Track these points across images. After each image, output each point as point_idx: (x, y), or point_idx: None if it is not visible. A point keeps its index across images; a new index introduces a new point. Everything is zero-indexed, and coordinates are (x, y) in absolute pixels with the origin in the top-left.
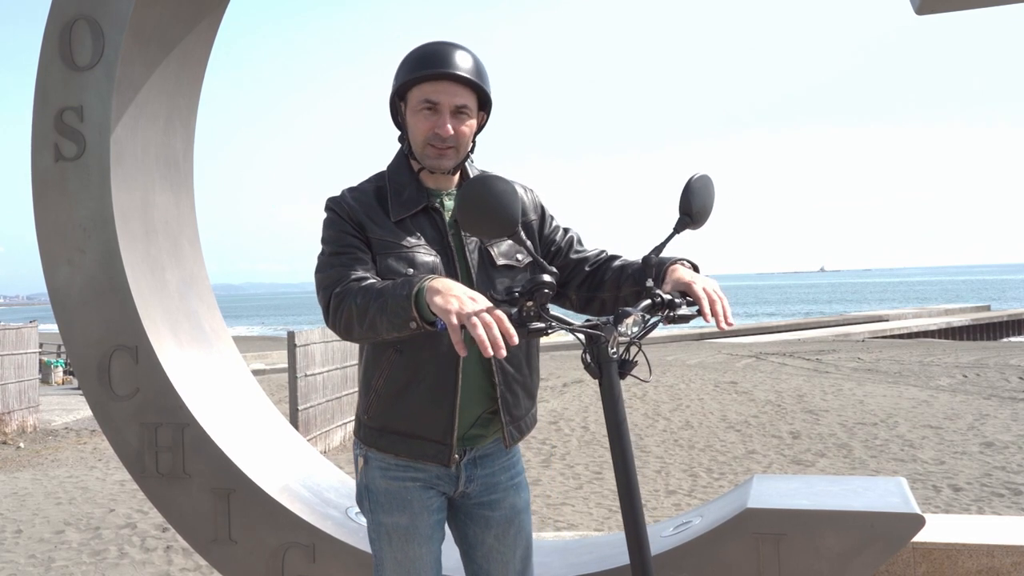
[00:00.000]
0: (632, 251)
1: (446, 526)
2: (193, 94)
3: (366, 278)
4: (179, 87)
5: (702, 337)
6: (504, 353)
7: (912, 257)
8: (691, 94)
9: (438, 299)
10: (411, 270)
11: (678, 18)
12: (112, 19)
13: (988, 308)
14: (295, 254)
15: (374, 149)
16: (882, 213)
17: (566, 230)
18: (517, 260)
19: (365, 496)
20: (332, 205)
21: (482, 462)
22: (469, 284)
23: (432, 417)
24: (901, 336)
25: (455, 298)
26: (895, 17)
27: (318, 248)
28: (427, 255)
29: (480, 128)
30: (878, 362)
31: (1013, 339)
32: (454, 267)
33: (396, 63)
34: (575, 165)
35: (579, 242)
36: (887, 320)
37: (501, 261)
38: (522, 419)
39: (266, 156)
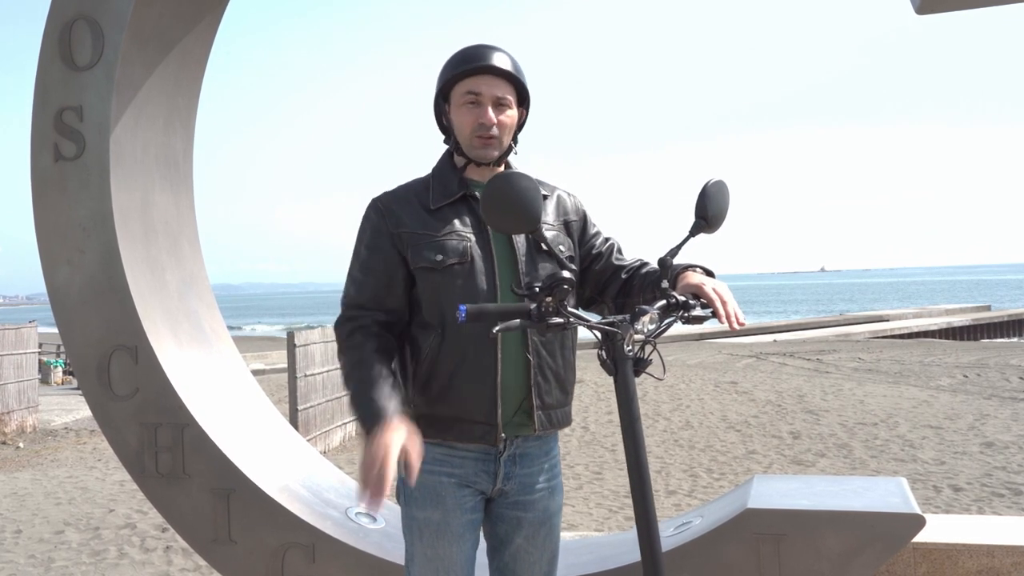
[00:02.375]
0: (635, 252)
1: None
2: (193, 94)
3: (372, 331)
4: (179, 87)
5: (702, 337)
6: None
7: (912, 257)
8: (690, 94)
9: (365, 454)
10: (440, 256)
11: (677, 18)
12: (112, 19)
13: (988, 308)
14: (295, 254)
15: (374, 149)
16: (882, 213)
17: (607, 239)
18: (560, 250)
19: (401, 489)
20: (369, 208)
21: (522, 461)
22: (513, 266)
23: (476, 398)
24: (901, 336)
25: (365, 463)
26: (895, 17)
27: (319, 248)
28: (460, 242)
29: (521, 126)
30: (878, 362)
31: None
32: (489, 251)
33: (396, 63)
34: (574, 165)
35: (619, 251)
36: (887, 320)
37: (546, 247)
38: (553, 409)
39: (266, 156)
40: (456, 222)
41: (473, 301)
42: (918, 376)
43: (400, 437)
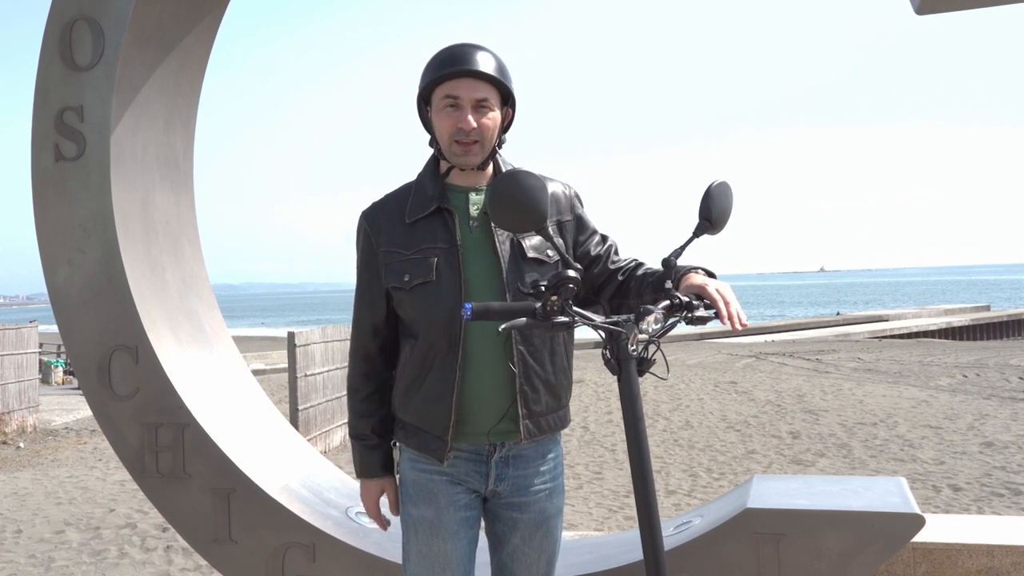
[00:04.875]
0: (636, 252)
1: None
2: (193, 94)
3: (373, 368)
4: (179, 87)
5: (702, 337)
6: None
7: (912, 257)
8: (690, 94)
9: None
10: (407, 277)
11: (676, 18)
12: (112, 19)
13: (988, 308)
14: (295, 254)
15: (375, 148)
16: (882, 213)
17: (604, 238)
18: (547, 255)
19: (400, 487)
20: (358, 223)
21: (515, 462)
22: (496, 275)
23: (433, 413)
24: (901, 336)
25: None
26: (895, 17)
27: (319, 248)
28: (427, 258)
29: (508, 125)
30: (878, 362)
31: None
32: (457, 268)
33: (396, 64)
34: (575, 166)
35: (616, 252)
36: (887, 320)
37: (531, 254)
38: (543, 416)
39: (266, 156)
40: (427, 238)
41: (437, 319)
42: (917, 376)
43: (376, 491)
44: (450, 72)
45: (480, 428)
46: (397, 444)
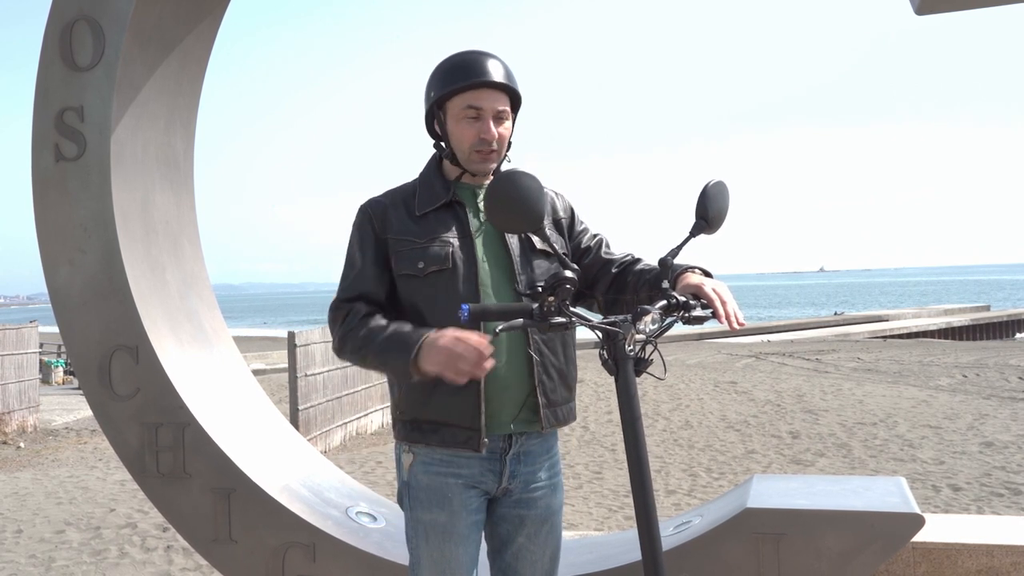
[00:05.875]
0: (635, 253)
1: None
2: (193, 94)
3: (372, 313)
4: (179, 87)
5: (701, 337)
6: (489, 365)
7: (912, 257)
8: (690, 94)
9: (429, 366)
10: (421, 264)
11: (675, 19)
12: (112, 19)
13: (988, 308)
14: (295, 254)
15: (375, 148)
16: (882, 213)
17: (595, 234)
18: (554, 248)
19: (405, 493)
20: (359, 214)
21: (525, 458)
22: (506, 269)
23: (459, 404)
24: (900, 336)
25: (437, 362)
26: (895, 17)
27: (319, 248)
28: (442, 248)
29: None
30: (878, 362)
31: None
32: (473, 257)
33: (396, 63)
34: (574, 166)
35: (607, 246)
36: (887, 320)
37: (540, 245)
38: (559, 406)
39: (266, 156)
40: (440, 228)
41: (454, 309)
42: (917, 376)
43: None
44: (472, 83)
45: (504, 418)
46: (406, 447)
